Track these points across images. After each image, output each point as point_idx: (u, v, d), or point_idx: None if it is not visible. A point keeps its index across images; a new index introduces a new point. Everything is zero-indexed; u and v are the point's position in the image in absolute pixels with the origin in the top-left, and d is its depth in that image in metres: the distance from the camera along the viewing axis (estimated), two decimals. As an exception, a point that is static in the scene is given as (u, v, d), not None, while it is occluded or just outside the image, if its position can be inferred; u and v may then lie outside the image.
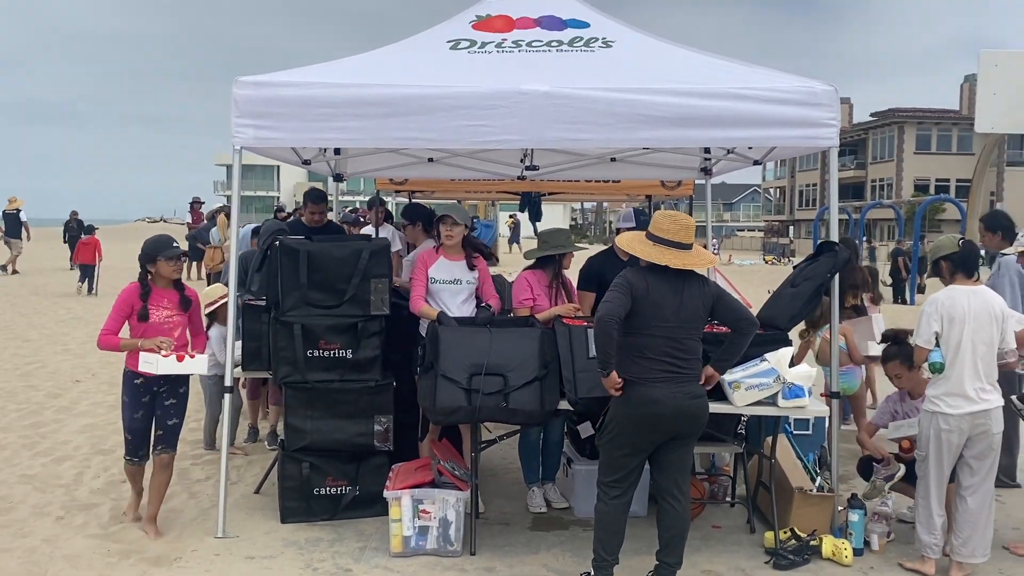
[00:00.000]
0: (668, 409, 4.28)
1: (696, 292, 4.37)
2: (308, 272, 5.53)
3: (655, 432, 4.34)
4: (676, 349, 4.32)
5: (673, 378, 4.31)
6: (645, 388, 4.29)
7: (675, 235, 4.42)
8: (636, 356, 4.32)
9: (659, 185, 10.23)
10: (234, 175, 5.49)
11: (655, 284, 4.31)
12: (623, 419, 4.35)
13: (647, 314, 4.27)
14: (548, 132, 5.27)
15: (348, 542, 5.29)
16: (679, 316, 4.30)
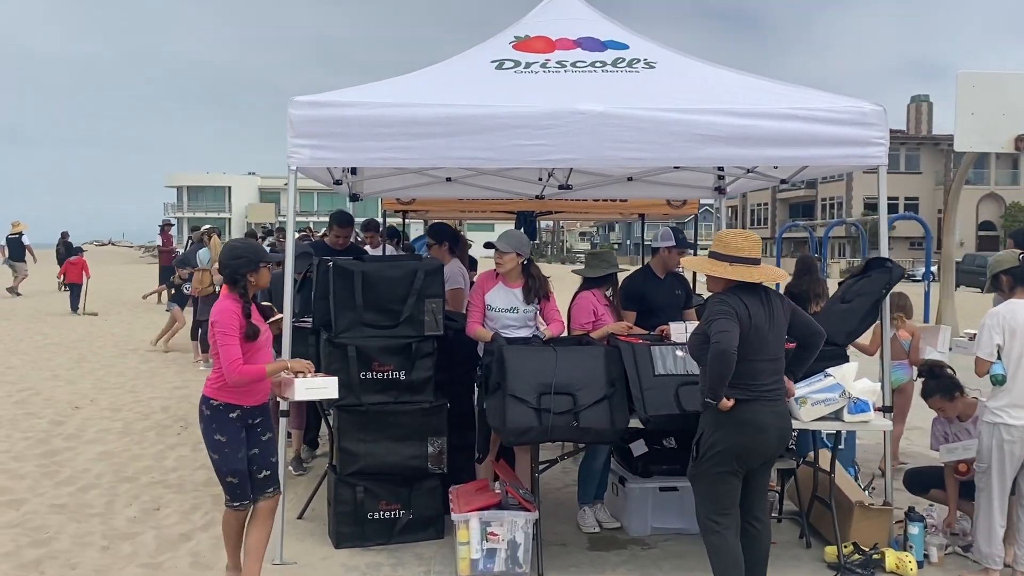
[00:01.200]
0: (774, 433, 4.30)
1: (779, 307, 4.42)
2: (363, 293, 5.48)
3: (760, 457, 4.34)
4: (775, 370, 4.35)
5: (775, 400, 4.33)
6: (753, 414, 4.26)
7: (749, 251, 4.43)
8: (742, 381, 4.25)
9: (665, 204, 10.36)
10: (289, 198, 5.44)
11: (751, 305, 4.30)
12: (731, 446, 4.27)
13: (751, 337, 4.25)
14: (604, 151, 5.31)
15: (410, 566, 5.22)
16: (774, 334, 4.34)
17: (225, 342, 4.32)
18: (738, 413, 4.24)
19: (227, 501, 4.58)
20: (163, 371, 12.29)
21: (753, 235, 4.50)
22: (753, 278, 4.34)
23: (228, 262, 4.51)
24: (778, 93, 5.61)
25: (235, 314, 4.39)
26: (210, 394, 4.46)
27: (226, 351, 4.32)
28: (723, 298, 4.32)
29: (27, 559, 5.25)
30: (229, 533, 4.72)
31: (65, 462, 7.47)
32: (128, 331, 16.94)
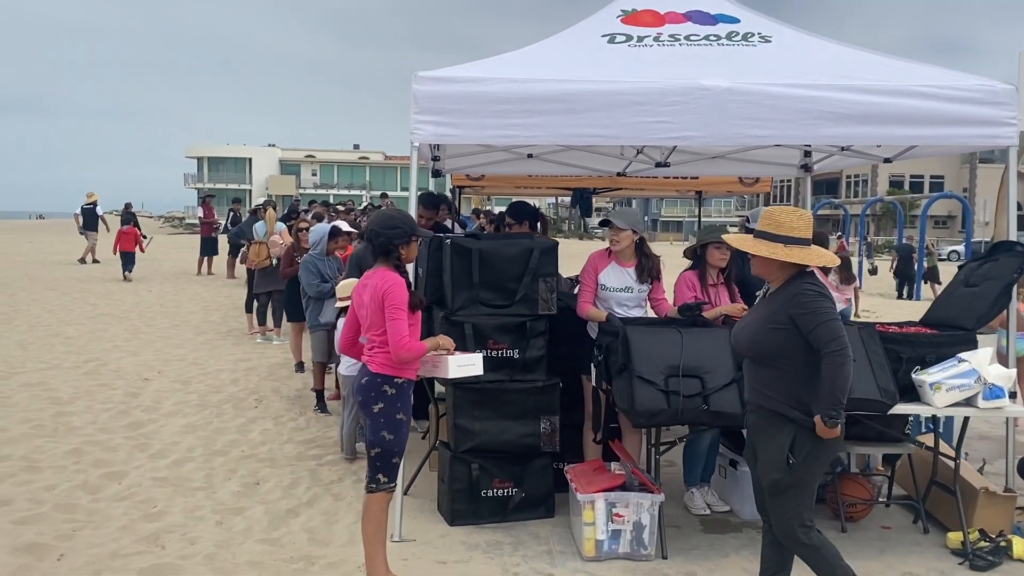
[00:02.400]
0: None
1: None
2: (480, 271, 5.42)
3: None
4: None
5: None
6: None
7: (803, 231, 3.94)
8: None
9: (737, 182, 10.24)
10: (412, 174, 5.35)
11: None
12: (830, 450, 3.96)
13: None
14: (729, 128, 5.22)
15: (530, 545, 5.20)
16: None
17: (396, 316, 4.22)
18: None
19: (384, 483, 4.39)
20: (220, 343, 12.30)
21: (805, 213, 4.01)
22: (811, 261, 3.92)
23: (383, 231, 4.37)
24: (902, 69, 5.50)
25: (404, 288, 4.29)
26: (391, 372, 4.33)
27: (397, 326, 4.21)
28: (822, 292, 3.90)
29: (144, 533, 5.25)
30: (382, 519, 4.44)
31: (152, 434, 7.47)
32: (175, 302, 16.96)
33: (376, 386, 4.32)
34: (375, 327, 4.34)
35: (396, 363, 4.29)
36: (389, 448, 4.34)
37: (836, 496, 5.54)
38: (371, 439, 4.35)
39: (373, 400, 4.32)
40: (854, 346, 4.94)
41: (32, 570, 4.68)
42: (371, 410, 4.33)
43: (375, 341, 4.36)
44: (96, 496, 5.89)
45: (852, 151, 7.33)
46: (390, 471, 4.38)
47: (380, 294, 4.26)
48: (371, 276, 4.40)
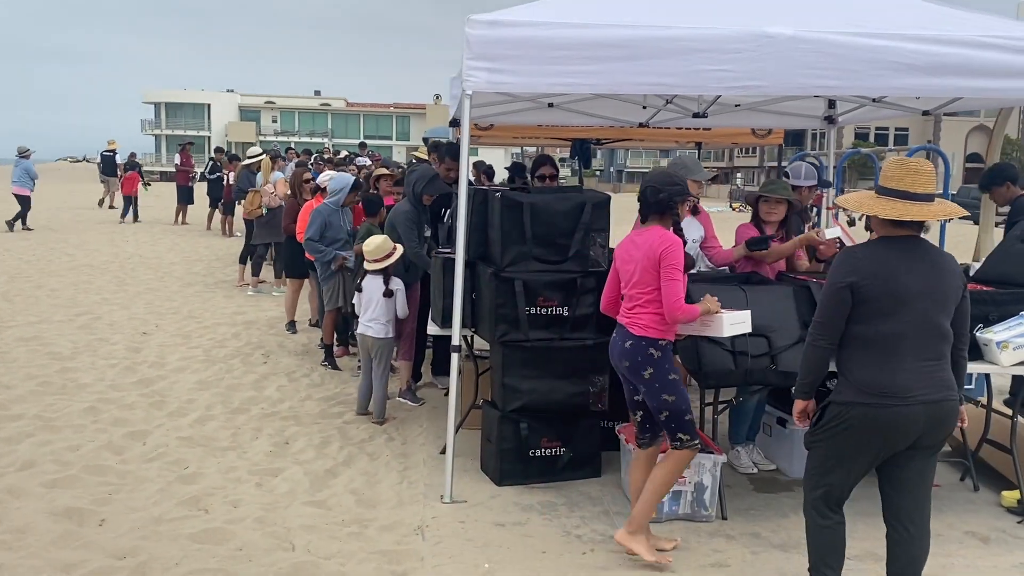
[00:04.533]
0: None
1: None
2: (532, 226, 5.22)
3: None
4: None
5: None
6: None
7: (900, 182, 3.54)
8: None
9: (750, 133, 10.10)
10: (464, 125, 5.10)
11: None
12: (845, 439, 3.70)
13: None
14: (793, 78, 5.02)
15: (584, 506, 5.09)
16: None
17: (674, 276, 4.12)
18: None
19: (687, 441, 4.26)
20: (210, 296, 11.99)
21: (916, 163, 3.56)
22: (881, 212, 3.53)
23: (665, 188, 4.30)
24: (967, 20, 5.32)
25: (682, 248, 4.20)
26: (656, 335, 4.23)
27: (674, 287, 4.11)
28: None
29: (185, 496, 5.05)
30: (676, 473, 4.34)
31: (165, 391, 7.23)
32: (155, 253, 16.54)
33: (642, 350, 4.23)
34: (642, 285, 4.23)
35: (664, 324, 4.20)
36: (677, 408, 4.23)
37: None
38: (655, 404, 4.26)
39: (641, 365, 4.23)
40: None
41: (76, 537, 4.46)
42: (642, 376, 4.25)
43: (639, 300, 4.25)
44: (123, 457, 5.67)
45: (885, 102, 7.20)
46: (688, 428, 4.27)
47: (657, 253, 4.14)
48: (643, 233, 4.29)
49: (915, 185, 3.51)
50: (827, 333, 3.59)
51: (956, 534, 4.82)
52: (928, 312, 3.49)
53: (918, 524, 3.69)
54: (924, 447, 3.58)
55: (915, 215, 3.48)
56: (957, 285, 3.56)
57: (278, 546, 4.47)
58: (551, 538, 4.64)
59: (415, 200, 6.68)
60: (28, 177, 18.85)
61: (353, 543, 4.53)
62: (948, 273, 3.54)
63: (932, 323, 3.50)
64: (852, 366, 3.57)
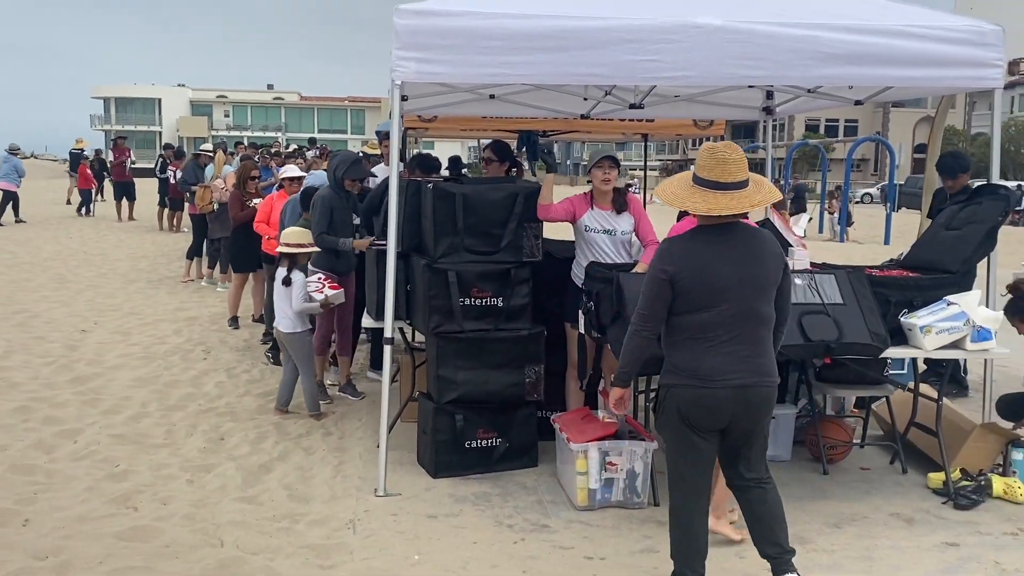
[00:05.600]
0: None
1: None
2: (464, 217, 5.21)
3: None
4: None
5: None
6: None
7: (711, 172, 3.55)
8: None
9: (691, 124, 10.16)
10: (394, 116, 5.06)
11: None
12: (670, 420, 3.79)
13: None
14: (722, 68, 5.06)
15: (518, 496, 5.10)
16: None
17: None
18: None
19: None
20: (154, 292, 11.82)
21: (725, 148, 3.61)
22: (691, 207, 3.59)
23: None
24: (890, 9, 5.40)
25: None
26: None
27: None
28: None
29: (114, 494, 4.97)
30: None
31: (100, 389, 7.10)
32: (99, 250, 16.26)
33: None
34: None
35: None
36: None
37: (816, 439, 5.57)
38: None
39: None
40: (844, 290, 4.96)
41: (-3, 538, 4.37)
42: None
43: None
44: (52, 456, 5.56)
45: (820, 93, 7.26)
46: None
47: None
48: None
49: (725, 175, 3.52)
50: (649, 324, 3.64)
51: (882, 516, 4.90)
52: (745, 300, 3.54)
53: (768, 482, 3.80)
54: (746, 431, 3.66)
55: (724, 208, 3.51)
56: (776, 268, 3.62)
57: (206, 542, 4.41)
58: (483, 528, 4.63)
59: (335, 185, 6.60)
60: (16, 174, 19.81)
61: (282, 538, 4.49)
62: (767, 257, 3.59)
63: (750, 310, 3.55)
64: (671, 351, 3.66)
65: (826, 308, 4.94)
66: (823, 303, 4.96)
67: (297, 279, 6.33)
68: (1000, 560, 4.36)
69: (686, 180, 3.67)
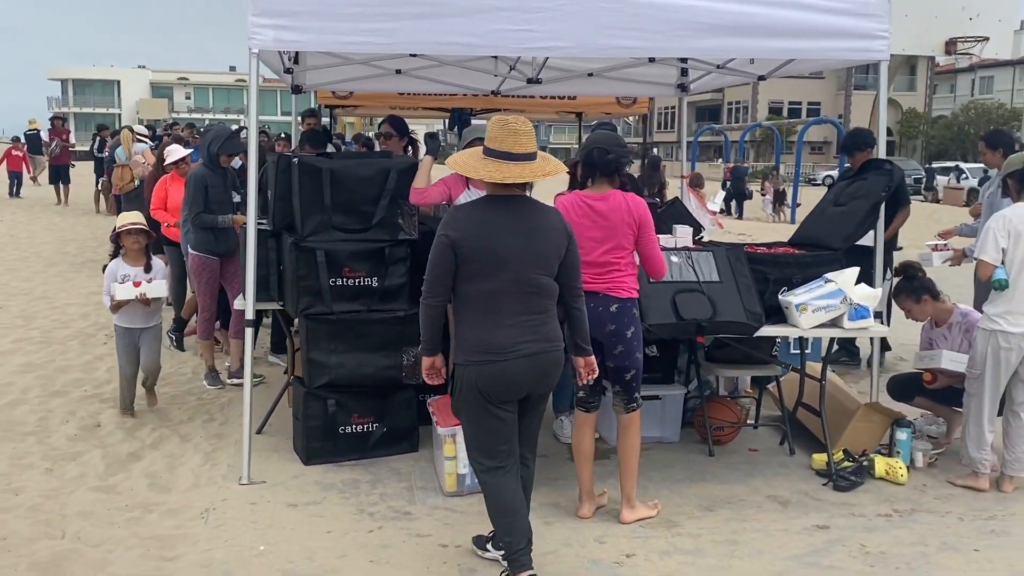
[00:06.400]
0: None
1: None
2: (332, 193, 5.00)
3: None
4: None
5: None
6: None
7: (503, 143, 3.54)
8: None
9: (615, 103, 10.00)
10: (251, 88, 4.82)
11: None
12: (472, 393, 3.76)
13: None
14: (597, 39, 4.90)
15: (389, 483, 4.93)
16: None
17: (654, 236, 4.28)
18: None
19: (639, 401, 4.42)
20: (74, 276, 11.49)
21: (515, 122, 3.58)
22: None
23: (614, 148, 4.33)
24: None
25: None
26: (636, 294, 4.31)
27: (657, 247, 4.31)
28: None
29: (-39, 485, 4.75)
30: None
31: (-16, 375, 6.84)
32: (28, 232, 15.84)
33: (628, 311, 4.26)
34: (620, 250, 4.23)
35: (637, 282, 4.31)
36: (641, 367, 4.36)
37: (703, 420, 5.45)
38: (626, 364, 4.28)
39: (626, 325, 4.24)
40: (721, 268, 4.83)
41: None
42: (625, 335, 4.25)
43: (617, 264, 4.23)
44: (-91, 445, 5.31)
45: (728, 69, 7.14)
46: (640, 388, 4.42)
47: (636, 216, 4.19)
48: (606, 197, 4.25)
49: (516, 145, 3.53)
50: (435, 290, 3.61)
51: (758, 499, 4.79)
52: (527, 271, 3.56)
53: (533, 454, 3.94)
54: (535, 397, 3.74)
55: (516, 176, 3.51)
56: (560, 243, 3.63)
57: (46, 534, 4.21)
58: (341, 517, 4.46)
59: (210, 161, 6.35)
60: None
61: (130, 529, 4.30)
62: (550, 231, 3.61)
63: (532, 281, 3.58)
64: (462, 327, 3.64)
65: (701, 286, 4.81)
66: (699, 281, 4.83)
67: (108, 272, 5.78)
68: (867, 543, 4.26)
69: (478, 152, 3.64)
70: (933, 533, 4.39)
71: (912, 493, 4.90)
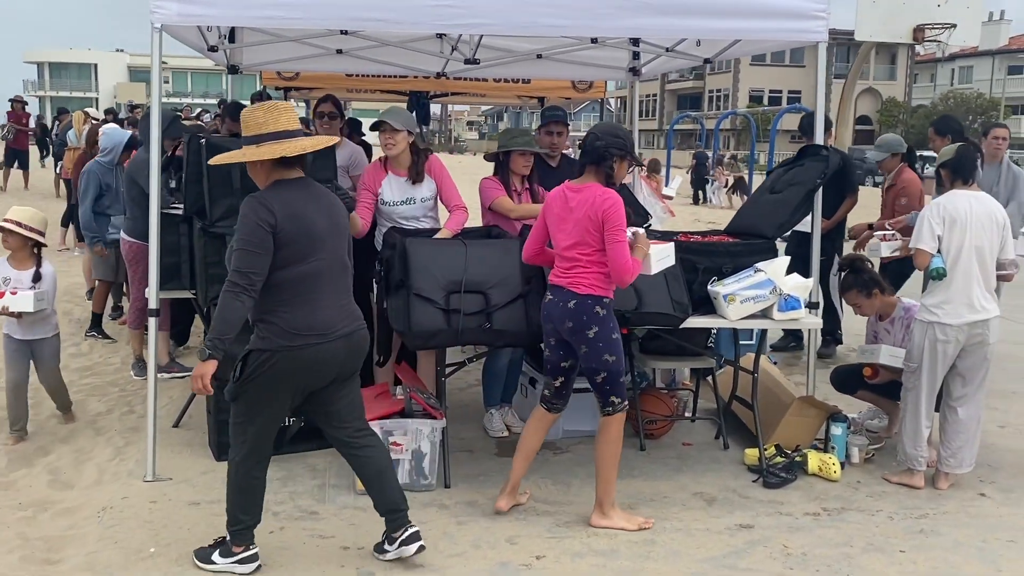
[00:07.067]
0: None
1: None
2: (241, 177, 4.76)
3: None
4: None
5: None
6: None
7: (274, 124, 3.53)
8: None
9: (570, 86, 9.77)
10: (154, 64, 4.59)
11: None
12: (267, 385, 3.65)
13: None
14: (520, 16, 4.70)
15: (302, 480, 4.72)
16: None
17: (619, 238, 3.93)
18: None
19: (618, 404, 4.14)
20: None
21: (273, 103, 3.65)
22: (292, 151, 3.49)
23: (604, 136, 4.05)
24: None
25: (623, 206, 3.97)
26: (602, 293, 4.04)
27: (620, 250, 3.93)
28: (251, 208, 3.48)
29: None
30: (620, 440, 4.22)
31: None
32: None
33: (588, 309, 4.01)
34: (584, 246, 3.99)
35: (608, 281, 4.03)
36: (615, 369, 4.07)
37: (635, 412, 5.27)
38: (593, 366, 4.06)
39: (586, 324, 4.01)
40: (651, 257, 4.61)
41: None
42: (585, 336, 4.02)
43: (580, 261, 4.01)
44: None
45: (676, 52, 6.93)
46: (620, 391, 4.13)
47: (599, 213, 3.92)
48: (581, 190, 4.02)
49: (285, 124, 3.52)
50: (254, 280, 3.46)
51: (684, 496, 4.62)
52: (336, 249, 3.60)
53: (371, 437, 3.85)
54: (343, 378, 3.70)
55: (294, 149, 3.48)
56: (347, 220, 3.75)
57: (-74, 536, 3.99)
58: (244, 516, 4.25)
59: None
60: None
61: (17, 529, 4.08)
62: (338, 208, 3.68)
63: (339, 259, 3.62)
64: (276, 311, 3.51)
65: (628, 276, 4.61)
66: (625, 270, 4.63)
67: (47, 272, 5.37)
68: (789, 543, 4.09)
69: (246, 143, 3.56)
70: (860, 533, 4.22)
71: (844, 490, 4.73)
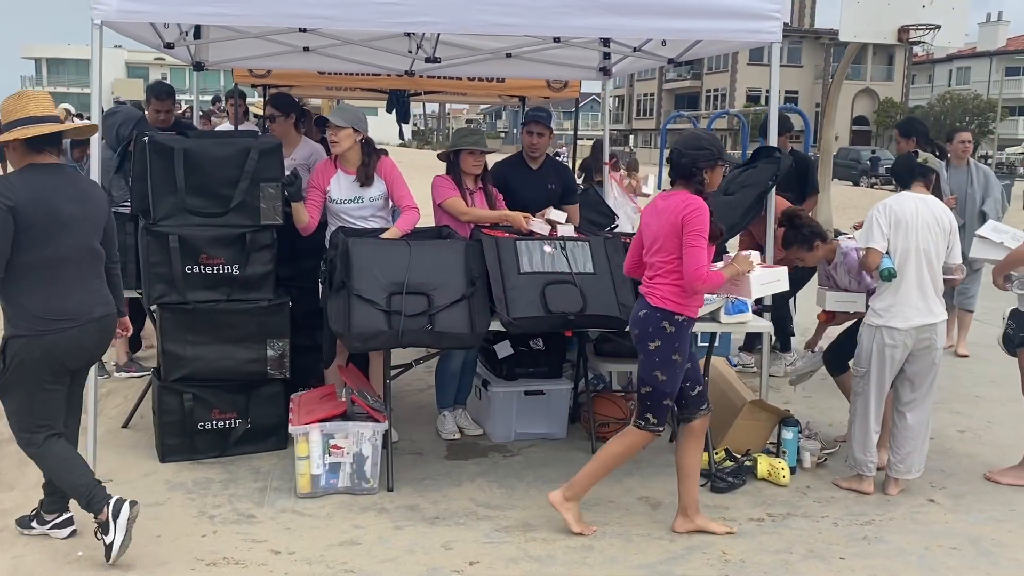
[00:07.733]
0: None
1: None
2: (185, 174, 4.71)
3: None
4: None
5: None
6: None
7: (24, 110, 3.58)
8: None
9: (545, 86, 9.70)
10: (93, 61, 4.54)
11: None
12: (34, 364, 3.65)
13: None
14: (471, 15, 4.64)
15: (244, 482, 4.66)
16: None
17: (696, 244, 3.79)
18: None
19: (652, 424, 4.03)
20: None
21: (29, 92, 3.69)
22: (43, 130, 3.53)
23: (688, 152, 3.94)
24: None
25: (708, 214, 3.84)
26: (674, 308, 3.90)
27: (696, 254, 3.79)
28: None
29: None
30: (629, 454, 4.17)
31: None
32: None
33: (655, 321, 3.93)
34: (664, 252, 3.90)
35: (686, 296, 3.91)
36: (661, 389, 3.97)
37: (589, 415, 5.22)
38: (642, 376, 4.00)
39: (650, 336, 3.94)
40: (597, 259, 4.58)
41: None
42: (647, 346, 3.95)
43: (659, 268, 3.93)
44: None
45: (643, 52, 6.89)
46: (660, 412, 4.01)
47: (680, 218, 3.82)
48: (668, 198, 3.95)
49: (38, 109, 3.59)
50: None
51: (629, 500, 4.57)
52: (86, 236, 3.67)
53: (77, 418, 3.99)
54: (91, 363, 3.91)
55: (33, 132, 3.51)
56: (104, 209, 3.80)
57: None
58: (179, 519, 4.20)
59: (117, 144, 6.05)
60: None
61: (-53, 533, 4.02)
62: (97, 199, 3.78)
63: (90, 246, 3.71)
64: (24, 298, 3.57)
65: (574, 277, 4.57)
66: (571, 272, 4.59)
67: None
68: (729, 550, 4.04)
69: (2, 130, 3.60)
70: (802, 539, 4.17)
71: (792, 496, 4.68)
